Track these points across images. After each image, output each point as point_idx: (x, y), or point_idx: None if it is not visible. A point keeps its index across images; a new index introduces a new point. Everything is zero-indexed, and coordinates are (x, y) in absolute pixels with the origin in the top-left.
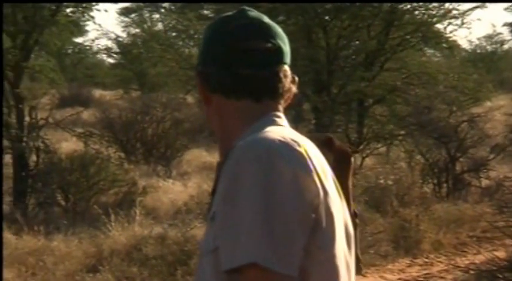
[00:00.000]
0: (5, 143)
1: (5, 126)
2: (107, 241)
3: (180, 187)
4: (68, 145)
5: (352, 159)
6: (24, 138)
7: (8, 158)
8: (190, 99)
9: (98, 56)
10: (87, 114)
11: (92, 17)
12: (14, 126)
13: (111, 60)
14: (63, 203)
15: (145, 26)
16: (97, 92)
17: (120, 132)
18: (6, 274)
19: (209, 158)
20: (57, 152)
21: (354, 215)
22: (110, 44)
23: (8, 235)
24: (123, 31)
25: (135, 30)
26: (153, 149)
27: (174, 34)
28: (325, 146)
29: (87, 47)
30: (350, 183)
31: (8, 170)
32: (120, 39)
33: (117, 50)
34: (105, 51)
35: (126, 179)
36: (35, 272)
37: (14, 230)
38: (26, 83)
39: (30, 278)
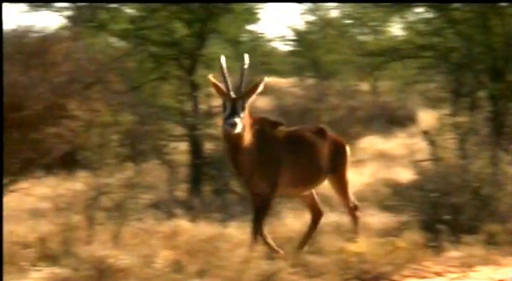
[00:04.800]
0: (181, 130)
1: (180, 114)
2: (282, 228)
3: (355, 174)
4: None
5: (348, 149)
6: (200, 126)
7: (184, 146)
8: (364, 86)
9: (273, 43)
10: (262, 102)
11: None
12: (190, 113)
13: (285, 48)
14: (237, 190)
15: (320, 13)
16: (272, 80)
17: (295, 119)
18: (185, 260)
19: (384, 145)
20: None
21: (354, 209)
22: (285, 31)
23: (184, 222)
24: (299, 18)
25: (310, 18)
26: None
27: (349, 21)
28: (317, 136)
29: (262, 35)
30: (346, 174)
31: (184, 158)
32: (296, 26)
33: (292, 38)
34: (280, 39)
35: None
36: (210, 259)
37: (190, 217)
38: (202, 71)
39: (206, 265)
